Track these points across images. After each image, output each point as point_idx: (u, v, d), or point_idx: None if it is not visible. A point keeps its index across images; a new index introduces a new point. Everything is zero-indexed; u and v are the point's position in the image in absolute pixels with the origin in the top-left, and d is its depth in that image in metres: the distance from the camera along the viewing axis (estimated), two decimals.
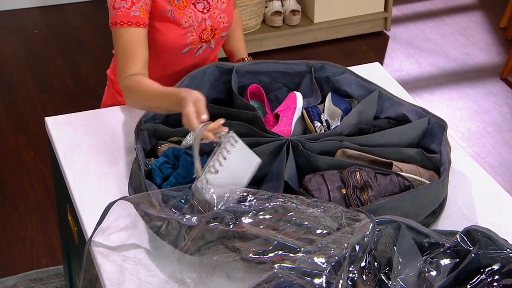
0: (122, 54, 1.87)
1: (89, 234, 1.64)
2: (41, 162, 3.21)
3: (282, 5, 3.97)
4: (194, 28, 1.97)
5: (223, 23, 2.04)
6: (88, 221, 1.69)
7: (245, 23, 3.83)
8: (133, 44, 1.86)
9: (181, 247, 1.56)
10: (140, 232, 1.66)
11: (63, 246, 2.27)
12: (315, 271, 1.36)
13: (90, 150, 1.90)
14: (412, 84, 3.81)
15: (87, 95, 3.62)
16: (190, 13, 1.96)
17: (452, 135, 3.43)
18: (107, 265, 1.58)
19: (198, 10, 1.98)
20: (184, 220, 1.54)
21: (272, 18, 3.93)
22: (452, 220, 1.73)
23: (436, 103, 3.69)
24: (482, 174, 1.88)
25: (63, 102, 3.57)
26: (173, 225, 1.56)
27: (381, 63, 3.92)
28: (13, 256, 2.80)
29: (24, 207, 3.01)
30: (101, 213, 1.64)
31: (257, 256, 1.45)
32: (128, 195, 1.73)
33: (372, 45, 4.08)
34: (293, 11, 3.95)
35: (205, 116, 1.62)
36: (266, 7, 3.94)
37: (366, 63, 2.33)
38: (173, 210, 1.58)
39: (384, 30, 4.16)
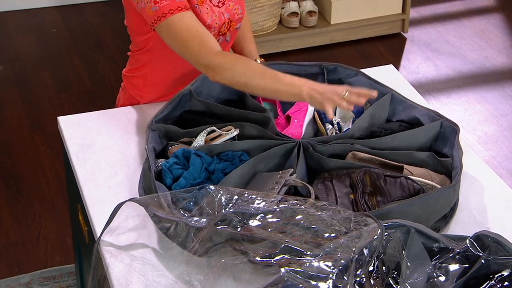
0: (191, 36, 1.83)
1: (99, 234, 1.65)
2: (56, 161, 3.22)
3: (299, 6, 3.96)
4: (216, 23, 1.96)
5: (238, 14, 2.03)
6: (97, 221, 1.70)
7: (262, 24, 3.82)
8: (196, 24, 1.85)
9: (189, 249, 1.56)
10: (149, 232, 1.66)
11: (75, 245, 2.28)
12: (321, 275, 1.35)
13: (102, 150, 1.91)
14: (429, 87, 3.78)
15: (104, 95, 3.63)
16: (207, 9, 1.95)
17: (468, 138, 3.42)
18: (115, 265, 1.59)
19: (214, 5, 1.97)
20: (193, 222, 1.54)
21: (289, 19, 3.92)
22: (463, 224, 1.71)
23: (453, 106, 3.66)
24: (495, 178, 1.86)
25: (81, 101, 3.58)
26: (181, 227, 1.56)
27: (398, 65, 3.90)
28: (28, 254, 2.82)
29: (39, 205, 3.03)
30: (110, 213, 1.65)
31: (264, 259, 1.45)
32: (138, 195, 1.73)
33: (390, 47, 4.05)
34: (310, 12, 3.94)
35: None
36: (282, 8, 3.93)
37: (384, 64, 2.32)
38: (182, 212, 1.58)
39: (402, 32, 4.14)
